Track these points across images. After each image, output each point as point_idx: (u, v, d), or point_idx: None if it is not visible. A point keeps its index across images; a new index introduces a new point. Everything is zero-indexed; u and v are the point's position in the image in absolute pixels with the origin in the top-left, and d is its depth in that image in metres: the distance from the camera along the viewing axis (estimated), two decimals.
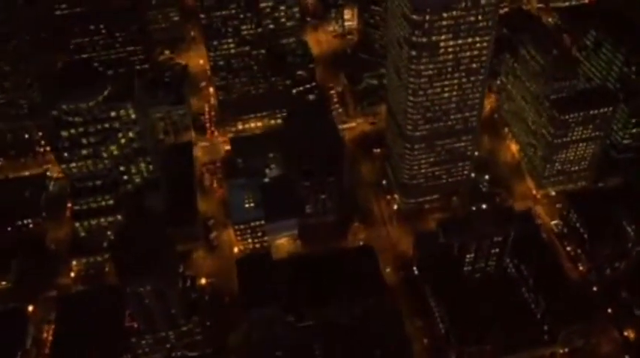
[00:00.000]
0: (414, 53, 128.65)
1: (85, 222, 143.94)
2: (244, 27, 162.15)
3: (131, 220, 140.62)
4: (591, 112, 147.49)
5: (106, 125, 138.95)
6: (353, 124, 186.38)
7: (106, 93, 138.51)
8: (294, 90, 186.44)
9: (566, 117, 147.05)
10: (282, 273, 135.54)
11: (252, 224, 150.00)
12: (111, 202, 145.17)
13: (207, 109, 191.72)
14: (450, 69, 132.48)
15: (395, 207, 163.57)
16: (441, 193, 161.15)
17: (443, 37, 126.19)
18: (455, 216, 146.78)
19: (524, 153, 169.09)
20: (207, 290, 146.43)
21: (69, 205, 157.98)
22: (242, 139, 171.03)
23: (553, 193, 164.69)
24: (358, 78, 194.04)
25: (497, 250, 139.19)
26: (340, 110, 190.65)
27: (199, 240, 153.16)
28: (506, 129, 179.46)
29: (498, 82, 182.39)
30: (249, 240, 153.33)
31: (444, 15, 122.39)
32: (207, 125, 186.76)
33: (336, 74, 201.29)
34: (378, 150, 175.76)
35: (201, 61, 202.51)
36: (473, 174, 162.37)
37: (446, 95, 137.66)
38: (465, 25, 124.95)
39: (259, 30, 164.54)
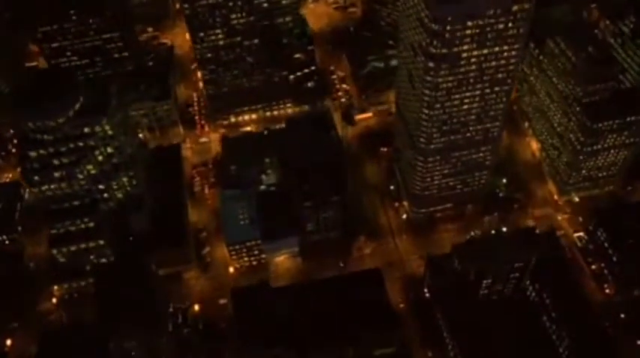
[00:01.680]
0: (431, 64, 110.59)
1: (64, 249, 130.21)
2: (234, 16, 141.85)
3: (114, 254, 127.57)
4: (628, 119, 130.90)
5: (80, 143, 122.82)
6: (360, 116, 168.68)
7: (77, 106, 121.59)
8: (291, 77, 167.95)
9: (599, 125, 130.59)
10: (281, 305, 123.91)
11: (248, 244, 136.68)
12: (91, 224, 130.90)
13: (196, 99, 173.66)
14: (472, 80, 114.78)
15: (404, 216, 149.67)
16: (455, 202, 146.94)
17: (466, 48, 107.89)
18: (471, 240, 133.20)
19: (547, 154, 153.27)
20: (201, 317, 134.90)
21: None
22: (235, 141, 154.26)
23: (577, 199, 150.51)
24: (362, 61, 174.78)
25: (516, 275, 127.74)
26: (343, 100, 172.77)
27: (191, 261, 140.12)
28: (526, 124, 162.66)
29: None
30: (246, 259, 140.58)
31: (469, 24, 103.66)
32: (197, 118, 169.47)
33: (338, 56, 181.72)
34: (385, 149, 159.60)
35: (189, 37, 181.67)
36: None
37: (466, 107, 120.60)
38: (492, 33, 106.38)
39: (251, 19, 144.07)
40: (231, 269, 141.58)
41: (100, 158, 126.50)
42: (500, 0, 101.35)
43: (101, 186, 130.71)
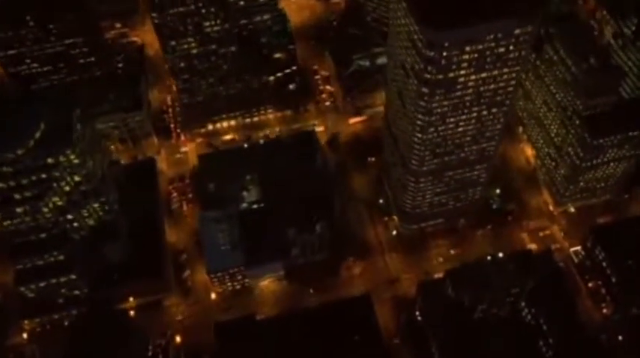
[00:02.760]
0: (425, 90, 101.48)
1: (32, 285, 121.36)
2: (207, 24, 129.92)
3: (88, 286, 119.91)
4: (630, 134, 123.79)
5: (43, 175, 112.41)
6: (353, 120, 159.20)
7: (38, 134, 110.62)
8: (271, 78, 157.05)
9: (600, 141, 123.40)
10: (268, 340, 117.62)
11: (231, 271, 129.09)
12: (61, 258, 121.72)
13: (170, 103, 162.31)
14: (468, 103, 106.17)
15: (394, 232, 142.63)
16: (447, 217, 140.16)
17: (463, 72, 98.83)
18: (465, 266, 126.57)
19: (542, 163, 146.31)
20: (183, 348, 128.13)
21: None
22: (212, 157, 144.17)
23: (572, 209, 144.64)
24: (347, 59, 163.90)
25: (512, 299, 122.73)
26: (328, 103, 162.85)
27: (170, 289, 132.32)
28: (520, 129, 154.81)
29: None
30: (229, 284, 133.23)
31: (467, 49, 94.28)
32: (172, 127, 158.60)
33: (321, 53, 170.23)
34: (373, 159, 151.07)
35: None
36: None
37: (461, 129, 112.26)
38: (492, 57, 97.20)
39: (226, 26, 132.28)
40: (213, 295, 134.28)
41: (67, 188, 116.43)
42: (503, 24, 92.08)
43: (70, 217, 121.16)
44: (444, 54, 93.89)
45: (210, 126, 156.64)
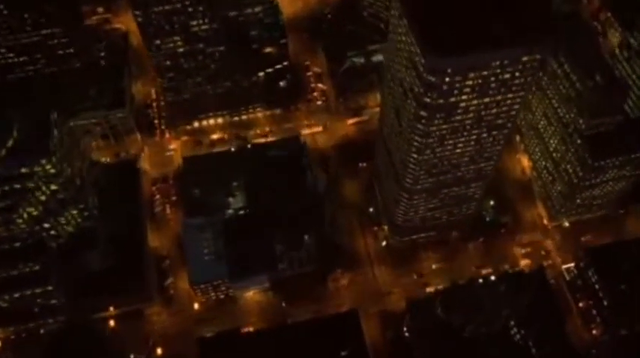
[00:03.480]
0: (424, 114, 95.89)
1: (6, 296, 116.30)
2: (194, 22, 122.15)
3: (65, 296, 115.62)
4: (632, 156, 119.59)
5: (17, 185, 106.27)
6: (351, 121, 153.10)
7: (10, 143, 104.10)
8: (261, 74, 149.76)
9: (602, 163, 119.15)
10: (253, 354, 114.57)
11: (215, 283, 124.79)
12: (36, 268, 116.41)
13: (154, 96, 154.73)
14: (468, 126, 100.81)
15: (383, 243, 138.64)
16: (439, 230, 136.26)
17: (465, 97, 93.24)
18: (456, 286, 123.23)
19: (539, 176, 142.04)
20: None
21: None
22: (198, 160, 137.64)
23: (567, 224, 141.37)
24: (340, 55, 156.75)
25: (502, 319, 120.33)
26: (320, 102, 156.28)
27: (152, 298, 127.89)
28: (517, 138, 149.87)
29: None
30: (212, 294, 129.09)
31: (471, 75, 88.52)
32: (157, 122, 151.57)
33: (314, 47, 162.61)
34: (365, 164, 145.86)
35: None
36: None
37: (459, 151, 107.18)
38: (496, 83, 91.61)
39: (214, 25, 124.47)
40: (196, 305, 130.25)
41: (43, 198, 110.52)
42: (510, 52, 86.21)
43: (46, 225, 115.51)
44: (446, 79, 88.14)
45: (197, 124, 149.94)
